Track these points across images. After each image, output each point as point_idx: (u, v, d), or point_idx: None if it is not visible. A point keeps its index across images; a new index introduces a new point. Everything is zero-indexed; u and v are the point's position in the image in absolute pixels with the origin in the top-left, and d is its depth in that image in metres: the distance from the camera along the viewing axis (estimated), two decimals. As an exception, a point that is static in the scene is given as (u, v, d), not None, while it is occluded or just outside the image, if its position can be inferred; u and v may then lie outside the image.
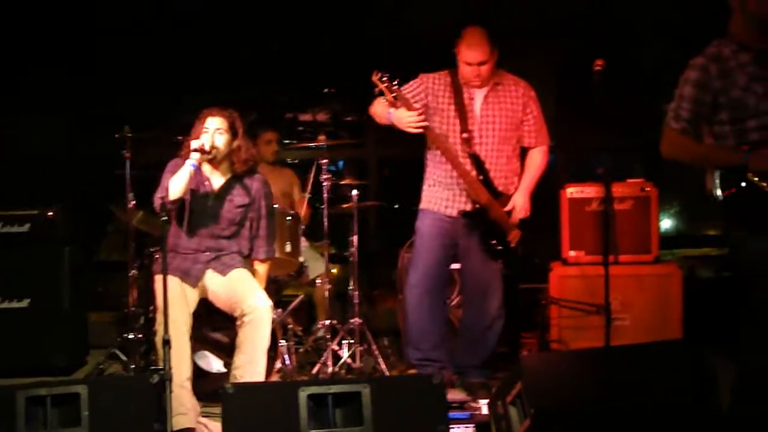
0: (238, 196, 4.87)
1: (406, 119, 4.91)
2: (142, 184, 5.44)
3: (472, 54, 4.96)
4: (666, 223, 9.29)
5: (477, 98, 5.11)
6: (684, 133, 3.93)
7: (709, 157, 3.94)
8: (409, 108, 4.91)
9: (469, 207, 5.07)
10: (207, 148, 4.63)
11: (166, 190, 4.60)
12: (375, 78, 4.90)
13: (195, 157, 4.57)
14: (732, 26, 3.93)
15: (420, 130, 4.92)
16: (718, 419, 3.84)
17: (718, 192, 3.86)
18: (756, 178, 3.78)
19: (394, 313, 6.58)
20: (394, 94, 4.88)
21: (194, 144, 4.59)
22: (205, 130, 4.75)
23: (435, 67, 5.18)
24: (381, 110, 5.07)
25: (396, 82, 4.89)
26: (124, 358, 5.68)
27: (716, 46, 3.92)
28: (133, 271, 5.69)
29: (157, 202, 4.67)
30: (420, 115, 4.90)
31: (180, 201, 4.60)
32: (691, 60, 3.96)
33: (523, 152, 5.26)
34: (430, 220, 5.18)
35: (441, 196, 5.14)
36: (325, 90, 8.92)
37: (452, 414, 4.50)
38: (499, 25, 7.69)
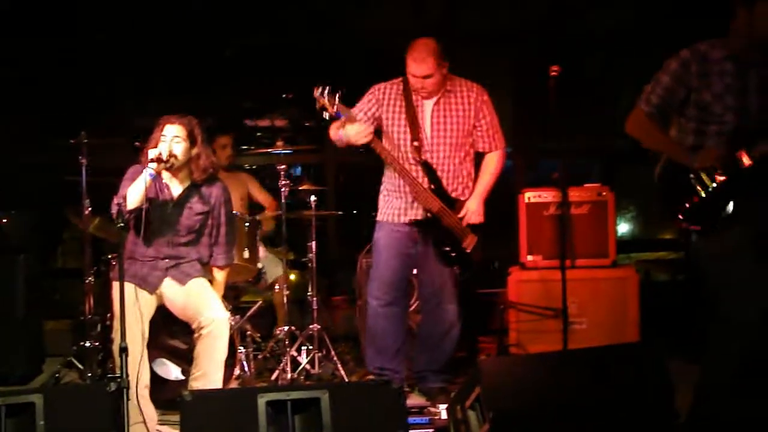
0: (197, 204, 4.84)
1: (353, 133, 4.91)
2: (98, 190, 5.39)
3: (416, 68, 4.95)
4: (623, 228, 9.38)
5: (427, 106, 5.09)
6: (650, 116, 4.07)
7: (662, 149, 4.07)
8: (352, 121, 4.91)
9: (420, 216, 5.08)
10: (164, 157, 4.59)
11: (124, 198, 4.56)
12: (316, 93, 4.89)
13: (152, 166, 4.53)
14: (731, 34, 3.97)
15: (367, 141, 4.90)
16: (674, 421, 3.90)
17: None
18: (703, 174, 3.87)
19: (352, 318, 6.59)
20: (335, 108, 4.87)
21: (151, 153, 4.55)
22: (163, 137, 4.71)
23: (392, 74, 5.18)
24: (334, 134, 5.07)
25: (338, 95, 4.87)
26: (80, 366, 5.62)
27: (707, 46, 4.00)
28: (90, 278, 5.64)
29: (114, 208, 4.63)
30: (363, 126, 4.89)
31: (138, 210, 4.56)
32: (681, 50, 4.03)
33: (480, 156, 5.27)
34: (385, 231, 5.19)
35: (394, 205, 5.14)
36: (284, 95, 8.90)
37: (411, 419, 4.50)
38: (457, 30, 7.75)
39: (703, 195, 3.88)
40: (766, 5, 3.82)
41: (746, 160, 3.85)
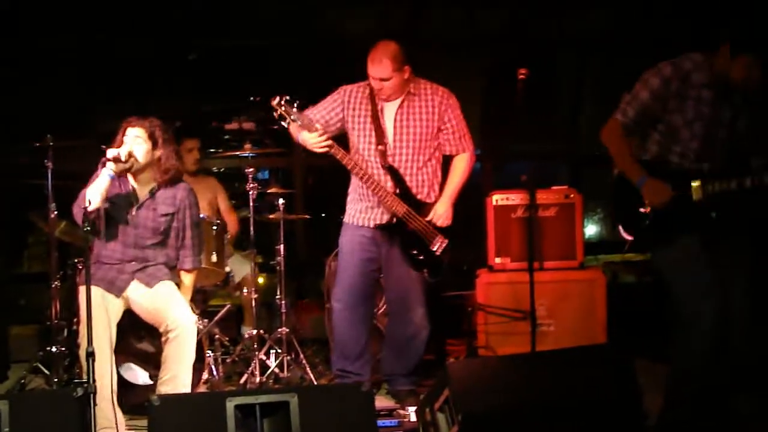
0: (162, 206, 4.82)
1: (310, 142, 4.91)
2: (64, 194, 5.34)
3: (374, 69, 4.95)
4: (590, 230, 9.43)
5: (390, 109, 5.09)
6: (625, 128, 4.14)
7: (620, 163, 4.17)
8: (310, 130, 4.90)
9: (384, 220, 5.08)
10: (122, 157, 4.57)
11: (85, 199, 4.52)
12: (273, 103, 4.87)
13: (111, 166, 4.51)
14: (718, 63, 4.00)
15: (325, 150, 4.90)
16: (643, 421, 3.93)
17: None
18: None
19: (321, 322, 6.57)
20: (293, 117, 4.86)
21: (110, 153, 4.54)
22: (125, 139, 4.70)
23: (357, 78, 5.18)
24: (294, 134, 5.06)
25: (296, 106, 4.85)
26: (46, 372, 5.57)
27: (692, 64, 4.03)
28: (56, 283, 5.59)
29: (77, 213, 4.59)
30: (321, 135, 4.89)
31: (98, 210, 4.52)
32: (663, 64, 4.07)
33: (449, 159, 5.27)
34: (349, 235, 5.19)
35: (359, 208, 5.14)
36: (251, 98, 8.88)
37: (380, 422, 4.51)
38: (426, 34, 7.77)
39: (645, 220, 4.03)
40: (744, 59, 3.89)
41: (698, 193, 3.96)
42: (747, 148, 4.01)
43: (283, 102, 4.85)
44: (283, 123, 4.93)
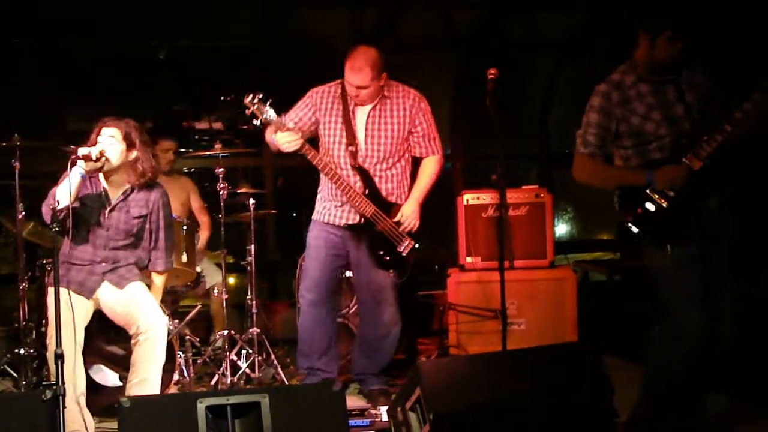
0: (135, 207, 4.77)
1: (281, 141, 4.90)
2: (32, 194, 5.30)
3: (353, 77, 4.95)
4: (560, 229, 9.49)
5: (362, 112, 5.09)
6: (592, 156, 4.16)
7: (617, 179, 4.16)
8: (282, 128, 4.89)
9: (353, 220, 5.08)
10: (93, 156, 4.51)
11: (54, 198, 4.47)
12: (246, 100, 4.86)
13: (81, 164, 4.46)
14: (636, 57, 4.14)
15: (296, 148, 4.89)
16: (614, 419, 3.96)
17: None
18: (656, 195, 3.97)
19: (292, 321, 6.56)
20: (265, 116, 4.86)
21: (81, 151, 4.47)
22: (99, 140, 4.66)
23: (329, 78, 5.17)
24: (268, 138, 5.06)
25: (268, 104, 4.84)
26: (14, 374, 5.53)
27: (619, 74, 4.16)
28: (24, 284, 5.54)
29: (46, 212, 4.54)
30: (292, 135, 4.88)
31: (67, 209, 4.46)
32: (596, 86, 4.17)
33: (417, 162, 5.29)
34: (317, 231, 5.19)
35: (328, 206, 5.14)
36: (222, 98, 8.84)
37: (352, 421, 4.51)
38: (399, 34, 7.78)
39: (662, 207, 3.99)
40: (666, 36, 3.99)
41: (696, 163, 3.95)
42: (708, 114, 4.07)
43: (255, 100, 4.84)
44: (254, 122, 4.92)
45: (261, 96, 4.85)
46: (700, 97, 4.10)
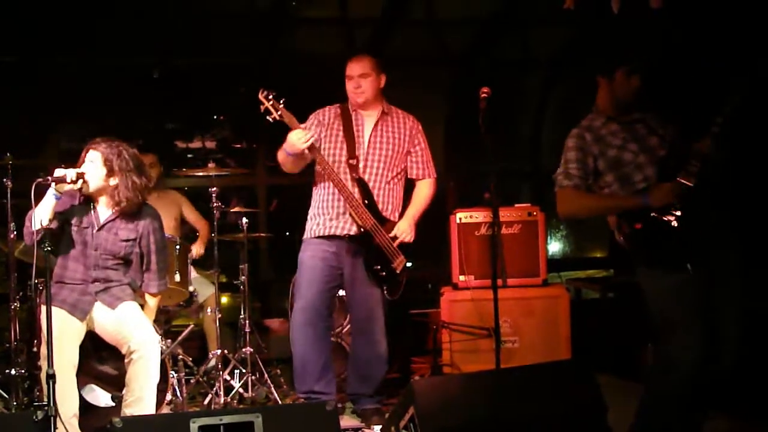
0: (123, 231, 4.73)
1: (294, 138, 4.92)
2: (23, 213, 5.28)
3: (353, 67, 5.10)
4: (553, 247, 9.49)
5: (367, 125, 5.18)
6: (577, 188, 4.10)
7: (608, 206, 4.14)
8: (294, 126, 4.93)
9: (353, 231, 5.08)
10: (69, 179, 4.46)
11: (30, 221, 4.44)
12: (261, 96, 4.95)
13: (53, 186, 4.43)
14: (599, 103, 4.21)
15: (309, 143, 4.91)
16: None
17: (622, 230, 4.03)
18: (664, 217, 3.96)
19: (286, 341, 6.53)
20: (279, 112, 4.90)
21: (57, 172, 4.45)
22: (84, 161, 4.64)
23: (322, 97, 5.23)
24: (281, 154, 5.09)
25: (282, 102, 4.92)
26: (5, 395, 5.49)
27: (588, 120, 4.21)
28: (15, 304, 5.51)
29: (26, 234, 4.52)
30: (305, 132, 4.93)
31: (46, 230, 4.39)
32: (570, 132, 4.20)
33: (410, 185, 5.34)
34: (311, 251, 5.19)
35: (322, 220, 5.15)
36: (215, 117, 8.86)
37: (346, 441, 4.50)
38: (391, 53, 7.81)
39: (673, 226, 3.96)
40: (622, 74, 4.07)
41: (690, 180, 3.93)
42: (681, 143, 4.05)
43: (270, 97, 4.93)
44: (268, 117, 4.98)
45: (275, 93, 4.94)
46: (670, 134, 4.11)
